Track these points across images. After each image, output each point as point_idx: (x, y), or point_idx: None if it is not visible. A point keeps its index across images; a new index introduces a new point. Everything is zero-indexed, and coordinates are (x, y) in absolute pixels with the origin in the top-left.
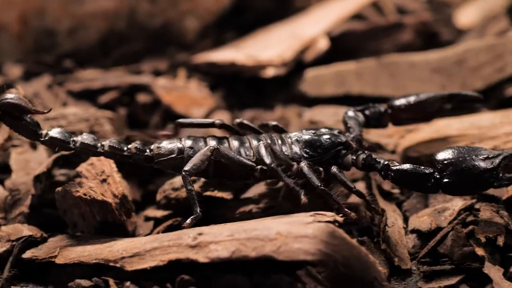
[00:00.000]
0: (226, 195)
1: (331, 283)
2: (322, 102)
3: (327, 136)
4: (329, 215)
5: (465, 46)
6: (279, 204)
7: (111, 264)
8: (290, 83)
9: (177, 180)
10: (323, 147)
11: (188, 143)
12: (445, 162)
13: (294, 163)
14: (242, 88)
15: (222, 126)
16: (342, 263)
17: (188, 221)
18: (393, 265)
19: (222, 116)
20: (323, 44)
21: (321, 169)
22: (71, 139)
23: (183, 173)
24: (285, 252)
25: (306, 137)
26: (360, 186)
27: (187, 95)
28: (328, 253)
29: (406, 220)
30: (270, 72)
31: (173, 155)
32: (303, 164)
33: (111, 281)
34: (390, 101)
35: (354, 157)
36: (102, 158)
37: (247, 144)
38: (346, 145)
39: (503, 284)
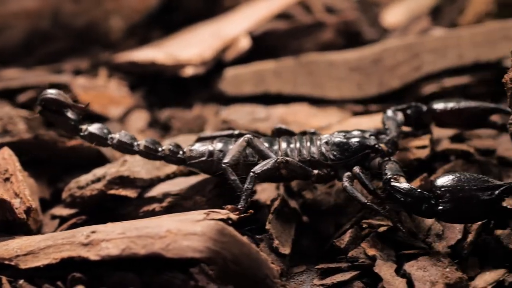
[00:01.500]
0: (131, 193)
1: (221, 280)
2: (241, 101)
3: (356, 140)
4: (223, 213)
5: (382, 45)
6: (180, 203)
7: (6, 262)
8: (210, 82)
9: (83, 179)
10: (351, 150)
11: (219, 146)
12: (443, 188)
13: (315, 171)
14: (163, 87)
15: (240, 134)
16: (231, 260)
17: (232, 206)
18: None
19: (141, 115)
20: (244, 44)
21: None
22: (109, 135)
23: (223, 165)
24: (174, 249)
25: (336, 139)
26: None
27: (106, 94)
28: (217, 251)
29: None
30: (189, 71)
31: (203, 158)
32: (346, 183)
33: (4, 279)
34: (430, 103)
35: (381, 161)
36: (6, 156)
37: (275, 147)
38: (374, 148)
39: (394, 281)
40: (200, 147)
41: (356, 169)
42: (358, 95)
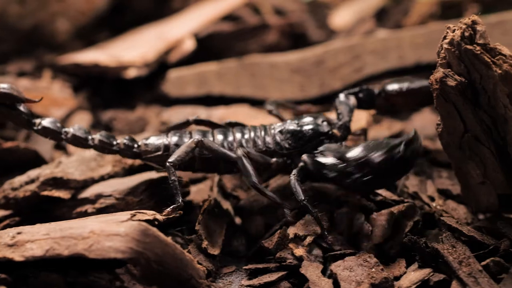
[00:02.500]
0: (64, 195)
1: (146, 280)
2: (184, 102)
3: (309, 127)
4: (149, 214)
5: (324, 47)
6: (113, 204)
7: None
8: (154, 84)
9: (17, 180)
10: (305, 138)
11: (174, 139)
12: (359, 160)
13: (273, 159)
14: (108, 89)
15: (196, 121)
16: (154, 260)
17: (169, 209)
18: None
19: (83, 117)
20: (189, 45)
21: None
22: (63, 130)
23: (168, 164)
24: (97, 250)
25: (290, 127)
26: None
27: (48, 96)
28: (140, 251)
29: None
30: (131, 73)
31: (159, 152)
32: (292, 178)
33: None
34: (384, 85)
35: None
36: None
37: (230, 138)
38: (328, 135)
39: (320, 282)
40: (155, 141)
41: (304, 156)
42: (299, 96)
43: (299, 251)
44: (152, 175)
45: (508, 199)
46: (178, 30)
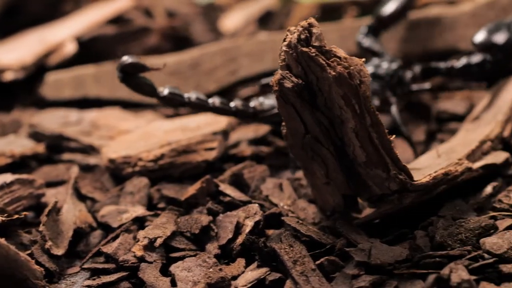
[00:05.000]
0: None
1: None
2: (60, 105)
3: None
4: None
5: (201, 49)
6: None
7: None
8: (32, 87)
9: None
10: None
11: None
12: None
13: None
14: None
15: None
16: None
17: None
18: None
19: None
20: (70, 49)
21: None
22: (185, 95)
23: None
24: None
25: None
26: None
27: None
28: None
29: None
30: (8, 76)
31: (276, 110)
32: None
33: None
34: (376, 13)
35: (410, 74)
36: None
37: None
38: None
39: (158, 282)
40: (270, 100)
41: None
42: None
43: (141, 252)
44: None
45: (354, 199)
46: (61, 33)
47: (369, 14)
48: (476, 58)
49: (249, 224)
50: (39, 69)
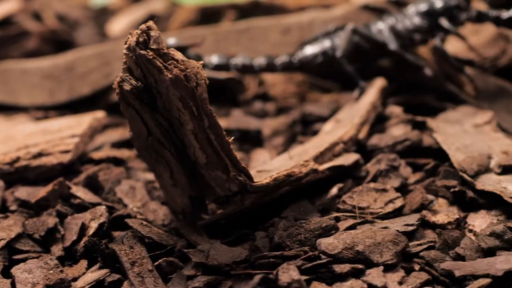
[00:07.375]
0: None
1: None
2: None
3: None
4: None
5: (76, 53)
6: None
7: None
8: None
9: None
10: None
11: (327, 43)
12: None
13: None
14: None
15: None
16: None
17: (356, 93)
18: None
19: None
20: None
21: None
22: (231, 60)
23: (339, 59)
24: None
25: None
26: None
27: None
28: None
29: None
30: None
31: (319, 58)
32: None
33: None
34: None
35: (465, 14)
36: None
37: (373, 28)
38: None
39: None
40: (310, 50)
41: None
42: (49, 102)
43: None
44: None
45: (201, 201)
46: None
47: (248, 17)
48: None
49: (93, 226)
50: None
